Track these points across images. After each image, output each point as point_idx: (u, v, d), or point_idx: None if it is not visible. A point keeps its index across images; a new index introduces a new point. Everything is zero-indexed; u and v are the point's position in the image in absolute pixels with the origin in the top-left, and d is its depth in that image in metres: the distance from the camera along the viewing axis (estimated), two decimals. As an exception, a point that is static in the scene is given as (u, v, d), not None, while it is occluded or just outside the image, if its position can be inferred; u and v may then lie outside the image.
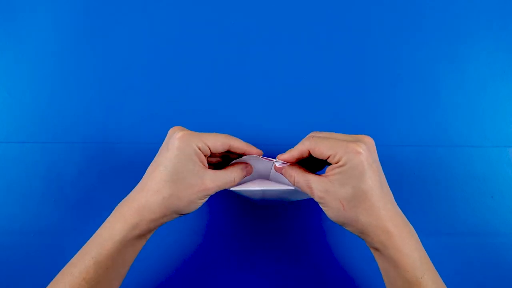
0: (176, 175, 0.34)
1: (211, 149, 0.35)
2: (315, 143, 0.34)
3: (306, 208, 0.47)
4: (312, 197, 0.35)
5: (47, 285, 0.34)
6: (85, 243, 0.35)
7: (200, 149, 0.34)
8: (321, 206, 0.35)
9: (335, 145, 0.33)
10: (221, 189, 0.37)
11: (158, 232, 0.38)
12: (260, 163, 0.39)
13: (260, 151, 0.39)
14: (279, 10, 0.51)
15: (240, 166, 0.39)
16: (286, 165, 0.37)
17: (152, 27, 0.51)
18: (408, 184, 0.48)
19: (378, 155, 0.35)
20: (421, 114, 0.49)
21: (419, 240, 0.35)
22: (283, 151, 0.37)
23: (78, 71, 0.50)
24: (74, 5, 0.51)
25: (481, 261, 0.46)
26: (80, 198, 0.47)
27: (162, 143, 0.38)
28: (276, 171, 0.39)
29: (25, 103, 0.49)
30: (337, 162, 0.33)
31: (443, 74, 0.50)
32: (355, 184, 0.32)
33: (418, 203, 0.47)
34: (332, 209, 0.34)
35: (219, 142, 0.36)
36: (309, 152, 0.35)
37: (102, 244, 0.33)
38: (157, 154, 0.37)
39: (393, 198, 0.35)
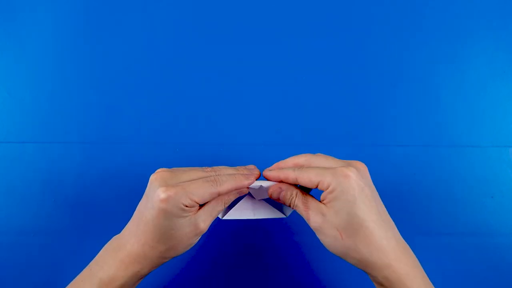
0: (167, 233, 0.33)
1: (199, 202, 0.34)
2: (299, 172, 0.33)
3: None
4: (308, 223, 0.34)
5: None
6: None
7: (187, 206, 0.33)
8: (317, 235, 0.34)
9: (322, 171, 0.32)
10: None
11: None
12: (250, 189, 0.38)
13: (254, 174, 0.37)
14: (279, 10, 0.51)
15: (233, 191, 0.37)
16: (273, 183, 0.36)
17: (151, 28, 0.51)
18: (408, 184, 0.48)
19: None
20: (421, 114, 0.49)
21: (422, 269, 0.33)
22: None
23: (77, 71, 0.49)
24: (74, 5, 0.51)
25: (481, 261, 0.46)
26: (80, 198, 0.47)
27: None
28: (271, 197, 0.37)
29: (25, 103, 0.49)
30: (327, 188, 0.31)
31: (443, 74, 0.50)
32: (349, 210, 0.31)
33: (418, 203, 0.47)
34: (329, 237, 0.33)
35: (206, 194, 0.34)
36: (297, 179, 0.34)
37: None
38: (141, 202, 0.35)
39: (395, 227, 0.34)
